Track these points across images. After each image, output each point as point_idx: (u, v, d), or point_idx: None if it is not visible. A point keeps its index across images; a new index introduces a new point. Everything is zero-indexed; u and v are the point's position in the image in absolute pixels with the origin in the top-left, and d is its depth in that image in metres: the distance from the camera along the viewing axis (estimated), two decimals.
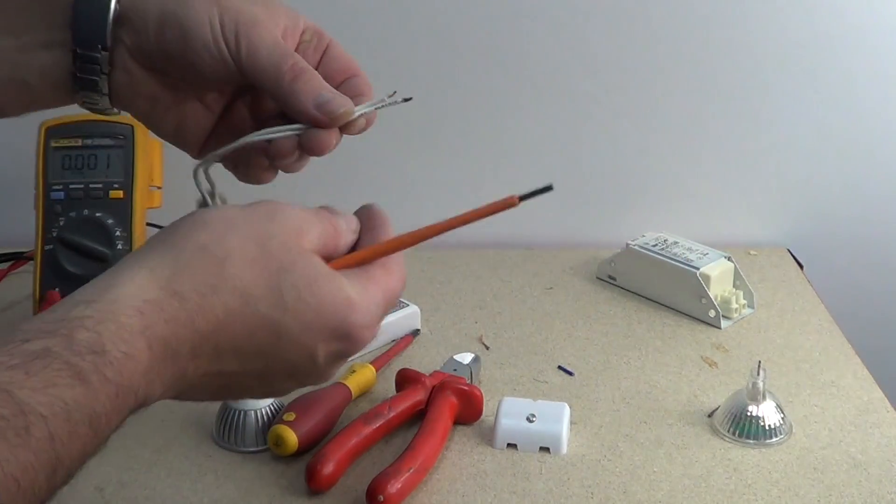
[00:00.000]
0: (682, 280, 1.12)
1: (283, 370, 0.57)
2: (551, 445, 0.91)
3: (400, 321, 1.07)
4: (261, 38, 0.64)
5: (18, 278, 1.12)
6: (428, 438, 0.88)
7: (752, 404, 0.93)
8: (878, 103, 1.25)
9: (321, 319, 0.56)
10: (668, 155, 1.27)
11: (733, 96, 1.25)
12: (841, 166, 1.28)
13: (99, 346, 0.48)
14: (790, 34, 1.22)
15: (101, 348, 0.48)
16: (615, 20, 1.21)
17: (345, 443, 0.87)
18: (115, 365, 0.49)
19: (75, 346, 0.48)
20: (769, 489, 0.87)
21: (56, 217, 1.06)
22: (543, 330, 1.11)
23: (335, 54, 0.69)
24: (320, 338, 0.57)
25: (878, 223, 1.30)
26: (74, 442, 0.47)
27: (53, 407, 0.46)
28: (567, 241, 1.30)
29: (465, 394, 0.93)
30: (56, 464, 0.46)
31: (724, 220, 1.30)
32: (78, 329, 0.48)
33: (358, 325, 0.58)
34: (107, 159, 1.08)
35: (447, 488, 0.87)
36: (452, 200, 1.29)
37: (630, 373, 1.03)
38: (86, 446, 0.48)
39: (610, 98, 1.24)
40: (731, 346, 1.08)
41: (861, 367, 1.04)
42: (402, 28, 1.21)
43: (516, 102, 1.25)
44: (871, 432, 0.94)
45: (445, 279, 1.20)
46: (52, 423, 0.45)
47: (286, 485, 0.87)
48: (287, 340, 0.56)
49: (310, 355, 0.57)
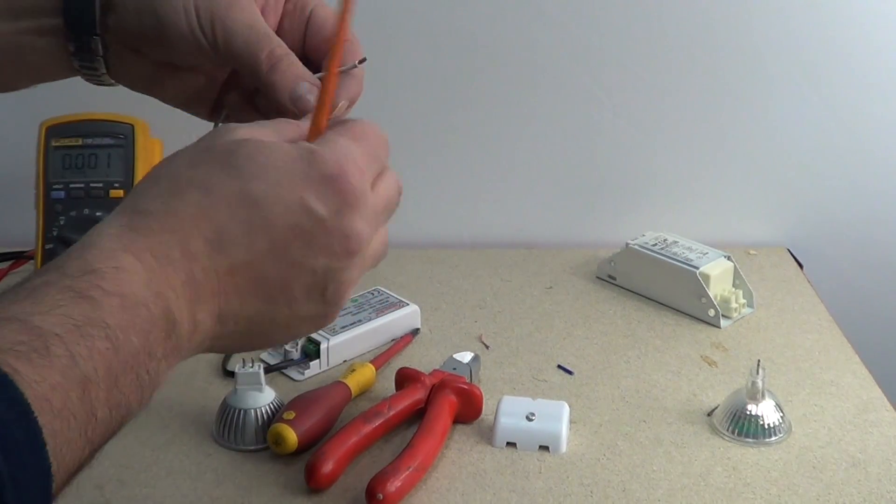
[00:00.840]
0: (682, 280, 1.12)
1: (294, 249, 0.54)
2: (551, 444, 0.91)
3: (400, 320, 1.07)
4: (235, 23, 0.63)
5: (18, 278, 1.11)
6: (427, 437, 0.88)
7: (751, 403, 0.93)
8: (879, 103, 1.25)
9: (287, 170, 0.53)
10: (668, 155, 1.28)
11: (734, 97, 1.25)
12: (841, 166, 1.28)
13: (89, 267, 0.49)
14: (790, 35, 1.22)
15: (90, 268, 0.49)
16: (615, 21, 1.21)
17: (344, 441, 0.87)
18: (109, 278, 0.49)
19: (68, 271, 0.49)
20: (768, 488, 0.87)
21: (56, 216, 1.06)
22: (543, 329, 1.11)
23: (320, 19, 0.67)
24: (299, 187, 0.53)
25: (878, 223, 1.30)
26: (96, 358, 0.47)
27: (65, 325, 0.46)
28: (567, 241, 1.30)
29: (464, 393, 0.94)
30: (85, 382, 0.46)
31: (724, 220, 1.30)
32: (67, 261, 0.49)
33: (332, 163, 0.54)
34: (107, 159, 1.08)
35: (446, 487, 0.87)
36: (453, 200, 1.30)
37: (630, 372, 1.03)
38: (110, 364, 0.47)
39: (610, 98, 1.25)
40: (730, 345, 1.08)
41: (860, 366, 1.04)
42: (405, 28, 1.21)
43: (516, 103, 1.25)
44: (870, 431, 0.94)
45: (445, 279, 1.20)
46: (68, 340, 0.46)
47: (286, 483, 0.87)
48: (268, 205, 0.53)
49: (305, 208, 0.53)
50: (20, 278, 1.11)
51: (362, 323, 1.05)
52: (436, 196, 1.29)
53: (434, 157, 1.27)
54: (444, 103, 1.25)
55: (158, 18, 0.63)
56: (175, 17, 0.63)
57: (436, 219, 1.31)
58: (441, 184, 1.28)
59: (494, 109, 1.26)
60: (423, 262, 1.23)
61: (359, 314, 1.06)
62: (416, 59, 1.23)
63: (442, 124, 1.25)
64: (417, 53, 1.23)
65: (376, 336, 1.05)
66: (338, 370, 1.01)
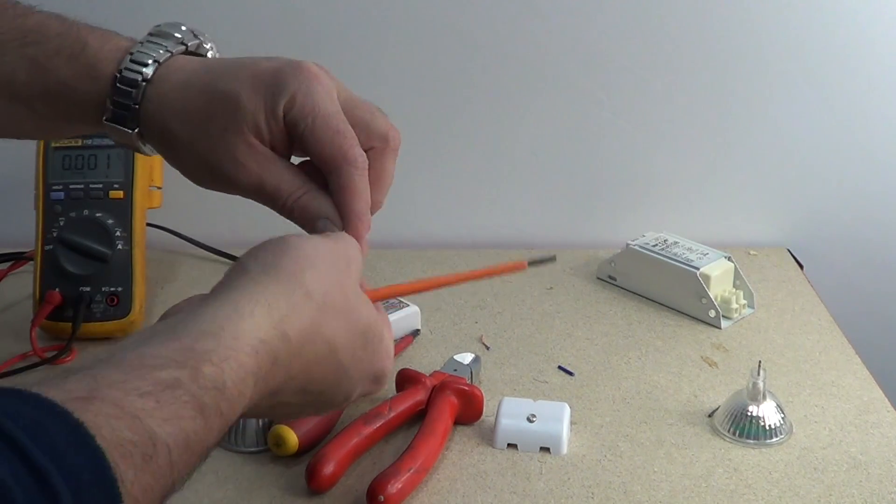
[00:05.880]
0: (683, 280, 1.12)
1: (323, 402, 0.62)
2: (551, 445, 0.91)
3: (400, 321, 1.07)
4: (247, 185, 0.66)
5: (18, 278, 1.12)
6: (428, 438, 0.88)
7: (752, 404, 0.93)
8: (879, 103, 1.25)
9: (372, 368, 0.62)
10: (669, 156, 1.28)
11: (734, 97, 1.25)
12: (841, 166, 1.28)
13: (220, 382, 0.51)
14: (790, 35, 1.22)
15: (222, 384, 0.51)
16: (616, 22, 1.21)
17: (345, 443, 0.87)
18: (230, 402, 0.52)
19: (201, 379, 0.50)
20: (769, 489, 0.87)
21: (56, 217, 1.06)
22: (543, 330, 1.11)
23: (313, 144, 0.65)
24: (365, 382, 0.63)
25: (878, 223, 1.30)
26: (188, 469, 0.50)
27: (177, 438, 0.48)
28: (567, 241, 1.30)
29: (465, 394, 0.93)
30: (171, 488, 0.49)
31: (724, 220, 1.30)
32: (205, 363, 0.51)
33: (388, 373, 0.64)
34: (107, 159, 1.08)
35: (447, 488, 0.87)
36: (453, 201, 1.30)
37: (630, 373, 1.03)
38: (191, 467, 0.51)
39: (610, 99, 1.24)
40: (731, 346, 1.08)
41: (861, 367, 1.04)
42: (405, 29, 1.21)
43: (516, 103, 1.25)
44: (871, 432, 0.94)
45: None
46: (175, 453, 0.48)
47: (286, 485, 0.87)
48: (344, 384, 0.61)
49: (348, 394, 0.62)
50: (20, 278, 1.11)
51: None
52: (436, 197, 1.29)
53: (434, 157, 1.27)
54: (444, 104, 1.25)
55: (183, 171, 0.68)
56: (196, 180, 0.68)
57: (436, 219, 1.31)
58: (441, 184, 1.28)
59: (495, 110, 1.25)
60: (423, 263, 1.23)
61: None
62: (416, 59, 1.23)
63: (442, 125, 1.25)
64: (417, 54, 1.22)
65: None
66: None
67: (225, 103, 0.65)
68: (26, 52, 0.67)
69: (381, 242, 0.69)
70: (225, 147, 0.65)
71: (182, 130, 0.66)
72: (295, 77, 0.64)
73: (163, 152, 0.68)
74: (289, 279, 0.57)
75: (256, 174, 0.65)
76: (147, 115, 0.66)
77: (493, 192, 1.30)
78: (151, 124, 0.66)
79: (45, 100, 0.67)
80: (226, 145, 0.65)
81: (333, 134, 0.64)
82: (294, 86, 0.64)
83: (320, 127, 0.64)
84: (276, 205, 0.66)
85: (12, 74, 0.67)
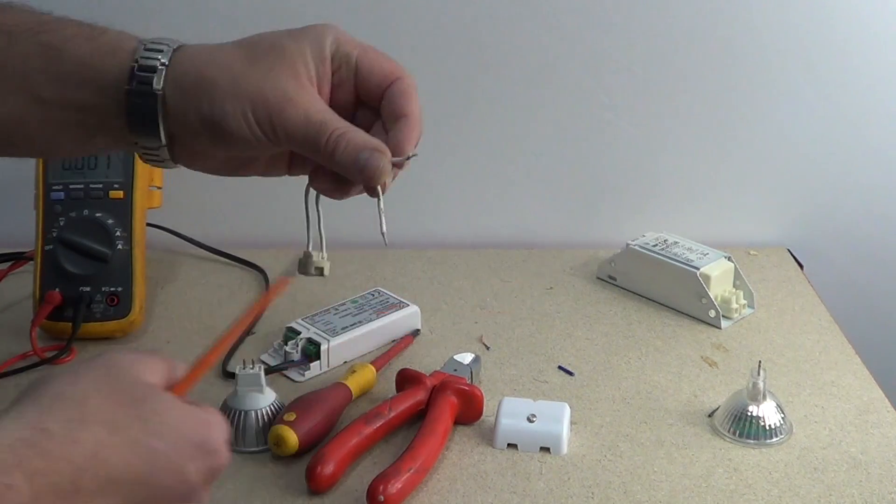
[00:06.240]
0: (683, 280, 1.12)
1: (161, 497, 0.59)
2: (552, 445, 0.91)
3: (400, 321, 1.07)
4: (290, 121, 0.65)
5: (18, 278, 1.12)
6: (428, 438, 0.88)
7: (752, 404, 0.93)
8: (879, 103, 1.25)
9: (186, 438, 0.59)
10: (669, 156, 1.28)
11: (734, 97, 1.25)
12: (841, 167, 1.28)
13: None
14: (790, 35, 1.22)
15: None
16: (616, 22, 1.21)
17: (345, 443, 0.87)
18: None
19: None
20: (769, 489, 0.87)
21: (56, 217, 1.06)
22: (543, 330, 1.11)
23: (367, 68, 0.69)
24: (188, 456, 0.59)
25: (878, 223, 1.30)
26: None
27: None
28: (567, 241, 1.30)
29: (465, 394, 0.93)
30: None
31: (724, 220, 1.30)
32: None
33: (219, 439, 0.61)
34: (107, 159, 1.08)
35: (447, 488, 0.87)
36: (453, 201, 1.30)
37: (630, 373, 1.03)
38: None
39: (611, 99, 1.24)
40: (731, 346, 1.08)
41: (861, 367, 1.04)
42: (407, 29, 1.21)
43: (517, 104, 1.25)
44: (871, 432, 0.94)
45: (445, 279, 1.20)
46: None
47: (286, 485, 0.87)
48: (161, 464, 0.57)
49: (182, 477, 0.59)
50: (20, 278, 1.11)
51: (363, 324, 1.05)
52: (436, 197, 1.29)
53: (435, 157, 1.27)
54: (444, 104, 1.24)
55: (222, 130, 0.65)
56: (235, 123, 0.65)
57: (436, 219, 1.31)
58: (442, 185, 1.28)
59: (495, 111, 1.25)
60: (423, 263, 1.23)
61: (359, 315, 1.06)
62: (417, 59, 1.23)
63: (443, 125, 1.25)
64: (419, 54, 1.22)
65: (377, 337, 1.05)
66: (338, 371, 1.01)
67: (270, 49, 0.66)
68: (40, 40, 0.66)
69: (381, 242, 0.69)
70: (273, 83, 0.65)
71: (221, 75, 0.65)
72: (326, 27, 0.69)
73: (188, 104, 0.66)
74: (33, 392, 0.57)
75: (304, 108, 0.65)
76: (177, 67, 0.65)
77: (493, 192, 1.30)
78: (182, 78, 0.65)
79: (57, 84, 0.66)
80: (274, 81, 0.65)
81: (383, 57, 0.70)
82: (332, 32, 0.69)
83: (370, 51, 0.69)
84: (319, 140, 0.66)
85: (24, 64, 0.66)
